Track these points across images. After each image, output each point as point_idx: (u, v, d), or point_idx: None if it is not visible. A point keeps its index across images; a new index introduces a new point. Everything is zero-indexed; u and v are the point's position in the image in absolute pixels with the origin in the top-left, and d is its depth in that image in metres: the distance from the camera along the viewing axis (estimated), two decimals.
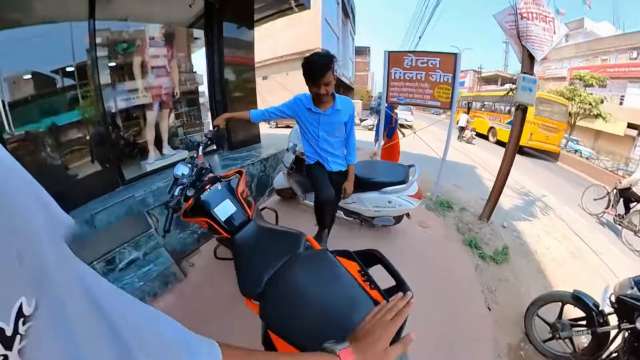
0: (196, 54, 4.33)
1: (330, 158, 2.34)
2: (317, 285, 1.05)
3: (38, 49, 2.54)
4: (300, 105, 2.16)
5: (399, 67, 3.84)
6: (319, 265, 1.15)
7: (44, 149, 2.71)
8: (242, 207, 1.54)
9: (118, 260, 2.29)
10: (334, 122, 2.17)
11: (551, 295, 2.22)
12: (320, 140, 2.25)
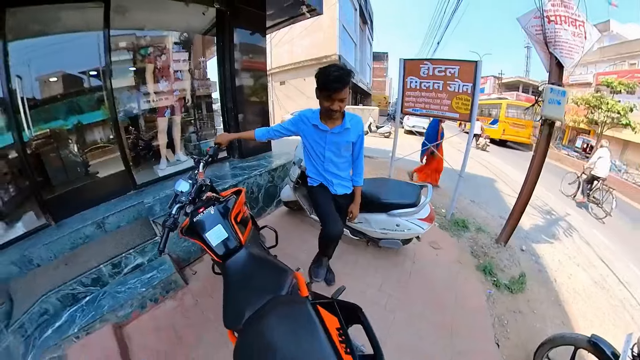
0: (210, 61, 4.27)
1: (335, 180, 2.09)
2: (289, 342, 0.96)
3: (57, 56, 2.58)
4: (305, 122, 1.93)
5: (415, 76, 3.59)
6: (296, 319, 1.04)
7: (59, 150, 2.78)
8: (234, 233, 1.48)
9: (124, 264, 2.34)
10: (341, 141, 1.92)
11: (563, 338, 1.95)
12: (325, 161, 2.01)
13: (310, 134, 1.95)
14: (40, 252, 2.27)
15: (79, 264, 2.22)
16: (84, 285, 2.11)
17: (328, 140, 1.92)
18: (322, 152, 1.99)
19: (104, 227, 2.57)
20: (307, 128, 1.94)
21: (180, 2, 3.19)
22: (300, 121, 1.95)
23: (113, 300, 2.07)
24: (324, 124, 1.86)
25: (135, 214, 2.78)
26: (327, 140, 1.91)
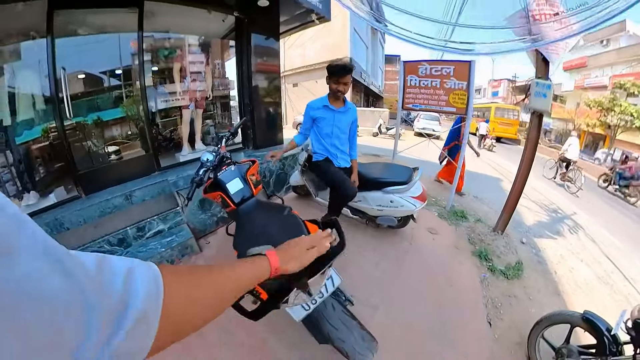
0: (228, 62, 4.61)
1: (339, 154, 2.56)
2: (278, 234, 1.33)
3: (95, 54, 2.98)
4: (314, 107, 2.44)
5: (414, 74, 3.77)
6: (284, 220, 1.42)
7: (95, 136, 3.16)
8: (248, 186, 1.80)
9: (147, 229, 2.63)
10: (345, 119, 2.46)
11: (559, 315, 1.97)
12: (333, 137, 2.48)
13: (321, 114, 2.43)
14: (71, 217, 2.57)
15: (107, 227, 2.51)
16: (110, 244, 2.39)
17: (336, 118, 2.43)
18: (330, 130, 2.46)
19: (131, 199, 2.89)
20: (317, 111, 2.44)
21: (203, 10, 3.53)
22: (311, 110, 2.47)
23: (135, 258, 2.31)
24: (332, 105, 2.39)
25: (160, 190, 3.09)
26: (335, 117, 2.43)
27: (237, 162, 1.96)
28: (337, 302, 1.51)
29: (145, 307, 0.30)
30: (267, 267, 0.59)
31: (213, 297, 0.44)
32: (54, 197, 2.79)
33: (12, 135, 2.66)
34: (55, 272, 0.23)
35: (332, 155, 2.55)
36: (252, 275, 0.55)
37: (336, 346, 1.41)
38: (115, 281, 0.29)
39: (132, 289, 0.30)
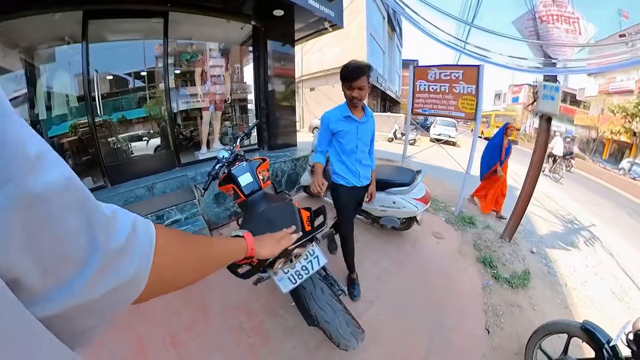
0: (246, 67, 4.79)
1: (362, 171, 2.12)
2: (275, 215, 1.52)
3: (123, 58, 3.24)
4: (333, 119, 1.96)
5: (424, 79, 3.75)
6: (283, 205, 1.62)
7: (122, 132, 3.40)
8: (257, 180, 1.94)
9: (166, 217, 2.82)
10: (369, 129, 2.04)
11: (557, 325, 1.87)
12: (358, 152, 2.04)
13: (342, 128, 1.95)
14: None
15: None
16: None
17: (359, 130, 1.98)
18: (355, 144, 2.01)
19: (152, 191, 3.09)
20: (338, 124, 1.94)
21: (223, 19, 3.72)
22: (329, 122, 1.96)
23: None
24: (354, 115, 1.93)
25: (179, 183, 3.28)
26: (358, 130, 1.98)
27: (250, 159, 2.10)
28: (327, 286, 1.57)
29: (138, 266, 0.33)
30: (244, 246, 0.67)
31: (196, 263, 0.48)
32: None
33: (46, 129, 2.96)
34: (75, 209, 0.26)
35: (354, 175, 2.10)
36: (232, 250, 0.63)
37: (321, 327, 1.48)
38: (122, 231, 0.32)
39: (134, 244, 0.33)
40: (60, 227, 0.24)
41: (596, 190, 9.58)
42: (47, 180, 0.23)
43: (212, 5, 3.45)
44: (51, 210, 0.24)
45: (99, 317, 0.30)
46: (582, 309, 2.78)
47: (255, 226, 1.48)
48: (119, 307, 0.32)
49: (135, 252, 0.33)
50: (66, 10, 2.67)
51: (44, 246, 0.23)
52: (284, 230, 0.87)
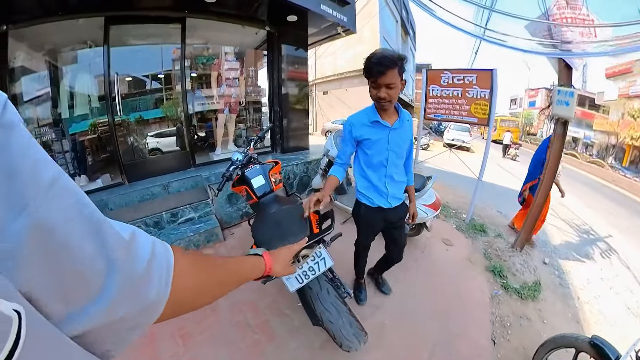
0: (261, 71, 4.88)
1: (392, 190, 1.71)
2: (285, 217, 1.57)
3: (141, 61, 3.40)
4: (358, 125, 1.60)
5: (436, 84, 3.70)
6: (294, 208, 1.65)
7: (140, 132, 3.55)
8: (269, 183, 1.98)
9: (180, 215, 2.91)
10: (403, 138, 1.62)
11: (565, 338, 1.82)
12: (389, 166, 1.64)
13: (369, 135, 1.59)
14: (115, 200, 2.94)
15: (145, 211, 2.83)
16: (146, 225, 2.70)
17: (391, 139, 1.58)
18: (384, 156, 1.62)
19: (168, 189, 3.21)
20: (364, 130, 1.59)
21: (238, 25, 3.81)
22: (354, 128, 1.61)
23: (166, 239, 2.53)
24: (384, 120, 1.55)
25: (194, 183, 3.39)
26: (390, 139, 1.58)
27: (262, 162, 2.15)
28: (333, 288, 1.61)
29: (157, 291, 0.32)
30: (262, 266, 0.67)
31: (214, 286, 0.49)
32: (101, 182, 3.23)
33: (67, 127, 3.12)
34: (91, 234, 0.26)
35: (380, 194, 1.70)
36: (251, 272, 0.64)
37: (325, 327, 1.51)
38: (143, 256, 0.32)
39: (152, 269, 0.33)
40: (76, 252, 0.24)
41: (613, 198, 9.17)
42: (61, 207, 0.23)
43: (227, 12, 3.56)
44: (66, 237, 0.24)
45: (115, 342, 0.29)
46: (594, 325, 2.67)
47: (265, 227, 1.55)
48: (136, 332, 0.31)
49: (154, 278, 0.33)
50: (89, 16, 2.84)
51: (61, 271, 0.23)
52: (299, 244, 0.88)
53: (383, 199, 1.72)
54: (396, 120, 1.59)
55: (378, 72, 1.38)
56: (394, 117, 1.60)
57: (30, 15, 2.66)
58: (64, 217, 0.24)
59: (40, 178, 0.22)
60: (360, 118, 1.61)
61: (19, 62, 2.90)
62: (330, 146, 3.31)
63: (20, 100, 2.97)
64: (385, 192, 1.70)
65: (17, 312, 0.19)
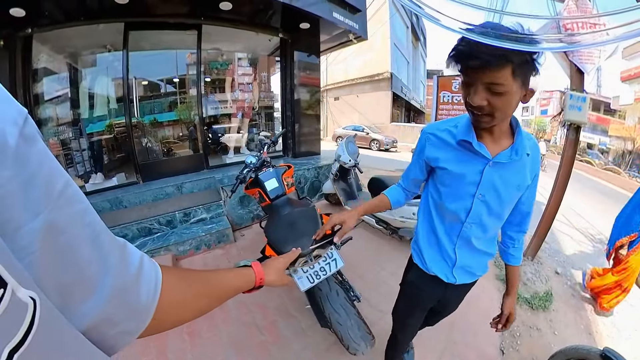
0: (274, 77, 4.96)
1: (464, 260, 1.05)
2: (299, 219, 1.60)
3: (158, 65, 3.53)
4: (434, 138, 0.99)
5: (448, 90, 3.69)
6: (307, 210, 1.67)
7: (155, 133, 3.67)
8: (282, 185, 2.02)
9: (192, 215, 2.97)
10: (511, 181, 0.92)
11: (575, 350, 1.75)
12: (469, 223, 0.98)
13: (447, 165, 0.96)
14: (129, 198, 3.03)
15: (158, 210, 2.90)
16: (159, 223, 2.77)
17: (486, 180, 0.92)
18: (466, 205, 0.96)
19: (181, 190, 3.29)
20: (442, 154, 0.97)
21: (252, 32, 3.90)
22: (426, 143, 1.01)
23: (178, 238, 2.67)
24: (481, 143, 0.90)
25: (206, 185, 3.45)
26: (484, 178, 0.91)
27: (275, 165, 2.19)
28: (343, 290, 1.61)
29: (146, 297, 0.34)
30: (252, 276, 0.64)
31: (202, 301, 0.50)
32: (116, 180, 3.35)
33: (85, 127, 3.25)
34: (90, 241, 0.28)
35: (444, 259, 1.06)
36: (240, 283, 0.62)
37: (333, 329, 1.51)
38: (134, 260, 0.34)
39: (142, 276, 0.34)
40: (79, 253, 0.26)
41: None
42: (69, 213, 0.26)
43: (242, 19, 3.65)
44: (71, 239, 0.26)
45: (105, 346, 0.30)
46: (607, 337, 2.56)
47: (279, 228, 1.60)
48: (125, 338, 0.32)
49: (144, 283, 0.34)
50: (110, 21, 2.99)
51: (65, 269, 0.25)
52: (294, 252, 0.85)
53: (445, 267, 1.07)
54: (507, 147, 0.90)
55: (470, 67, 0.78)
56: (504, 142, 0.91)
57: (54, 19, 2.81)
58: (71, 221, 0.26)
59: (53, 186, 0.24)
60: (443, 130, 0.96)
61: (42, 63, 3.08)
62: (341, 151, 3.31)
63: (42, 99, 3.14)
64: (452, 259, 1.05)
65: (33, 299, 0.20)
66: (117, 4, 2.75)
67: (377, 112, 15.90)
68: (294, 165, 4.12)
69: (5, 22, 2.58)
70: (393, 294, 2.34)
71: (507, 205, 0.96)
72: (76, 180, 3.34)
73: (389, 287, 2.45)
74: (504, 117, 0.83)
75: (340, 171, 3.36)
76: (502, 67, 0.74)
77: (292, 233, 1.52)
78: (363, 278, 2.38)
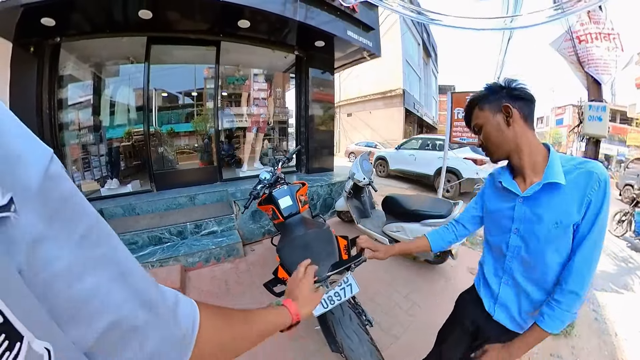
0: (288, 93, 5.08)
1: (504, 295, 0.99)
2: (317, 241, 1.55)
3: (176, 78, 3.70)
4: (492, 182, 1.04)
5: (462, 107, 3.62)
6: (323, 233, 1.63)
7: (171, 144, 3.78)
8: (296, 204, 1.99)
9: (203, 227, 2.96)
10: (544, 218, 0.85)
11: None
12: (510, 257, 0.96)
13: (492, 203, 1.02)
14: (142, 205, 3.07)
15: (170, 219, 2.92)
16: (170, 233, 2.77)
17: (518, 214, 0.91)
18: (503, 239, 0.96)
19: (194, 201, 3.31)
20: (490, 194, 1.05)
21: (268, 49, 4.03)
22: (487, 185, 1.08)
23: (188, 249, 2.66)
24: (513, 181, 0.92)
25: (219, 197, 3.47)
26: (516, 212, 0.92)
27: (290, 182, 2.17)
28: (355, 315, 1.55)
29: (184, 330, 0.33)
30: (288, 317, 0.63)
31: (239, 343, 0.47)
32: (131, 187, 3.42)
33: (105, 133, 3.39)
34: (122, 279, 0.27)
35: (487, 288, 1.06)
36: (277, 323, 0.61)
37: (345, 354, 1.44)
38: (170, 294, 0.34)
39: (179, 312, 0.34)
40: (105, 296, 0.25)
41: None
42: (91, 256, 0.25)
43: (260, 37, 3.77)
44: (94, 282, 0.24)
45: None
46: None
47: (294, 249, 1.55)
48: None
49: (182, 318, 0.34)
50: (133, 35, 3.15)
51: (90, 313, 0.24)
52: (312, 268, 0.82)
53: (489, 296, 1.04)
54: (534, 181, 0.86)
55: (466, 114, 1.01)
56: (535, 175, 0.87)
57: (81, 30, 2.98)
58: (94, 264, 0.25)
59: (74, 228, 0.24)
60: (498, 173, 0.99)
61: (67, 70, 3.27)
62: (356, 169, 3.23)
63: (65, 104, 3.30)
64: (494, 293, 1.01)
65: (47, 350, 0.20)
66: (141, 19, 2.90)
67: (389, 128, 15.92)
68: (307, 182, 4.11)
69: (37, 30, 2.75)
70: (406, 318, 2.28)
71: (546, 243, 0.86)
72: (92, 183, 3.47)
73: (402, 311, 2.35)
74: (496, 147, 0.91)
75: (354, 189, 3.31)
76: (474, 110, 0.94)
77: (307, 255, 1.45)
78: (374, 301, 2.30)
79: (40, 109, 2.93)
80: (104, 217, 2.95)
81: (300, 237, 1.63)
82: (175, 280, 2.34)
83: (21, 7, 2.32)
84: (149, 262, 2.48)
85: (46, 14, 2.57)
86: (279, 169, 2.19)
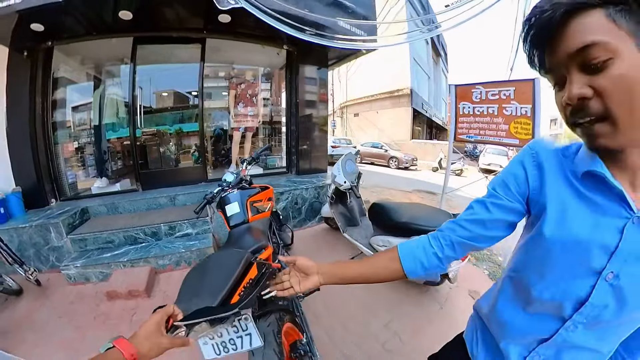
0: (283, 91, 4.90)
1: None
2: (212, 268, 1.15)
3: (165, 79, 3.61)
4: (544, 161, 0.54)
5: (467, 101, 3.25)
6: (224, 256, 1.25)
7: (157, 145, 3.69)
8: (244, 212, 1.76)
9: (177, 229, 2.86)
10: None
11: None
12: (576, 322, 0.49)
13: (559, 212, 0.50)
14: (125, 205, 3.07)
15: (147, 220, 2.84)
16: (145, 234, 2.70)
17: (627, 243, 0.44)
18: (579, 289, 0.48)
19: (174, 202, 3.23)
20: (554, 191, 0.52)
21: (257, 44, 3.88)
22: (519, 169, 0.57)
23: (159, 251, 2.56)
24: (619, 182, 0.45)
25: (200, 198, 3.28)
26: (624, 241, 0.44)
27: (248, 187, 1.95)
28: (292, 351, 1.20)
29: None
30: (120, 358, 0.55)
31: None
32: (119, 186, 3.45)
33: (94, 133, 3.38)
34: None
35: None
36: None
37: None
38: None
39: None
40: None
41: None
42: None
43: (246, 32, 3.62)
44: None
45: None
46: None
47: (189, 275, 1.13)
48: None
49: None
50: (119, 36, 3.14)
51: None
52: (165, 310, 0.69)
53: None
54: None
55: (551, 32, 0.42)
56: None
57: (71, 34, 3.01)
58: None
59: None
60: (556, 154, 0.54)
61: (60, 73, 3.33)
62: (337, 171, 2.84)
63: (58, 105, 3.36)
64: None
65: None
66: (122, 20, 2.85)
67: (397, 128, 15.61)
68: (292, 184, 3.92)
69: (28, 36, 2.81)
70: (382, 353, 1.80)
71: None
72: (84, 182, 3.58)
73: (378, 344, 1.89)
74: (629, 114, 0.39)
75: (336, 194, 2.93)
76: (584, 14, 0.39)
77: (194, 286, 1.07)
78: (346, 327, 1.94)
79: (34, 110, 3.00)
80: (89, 215, 3.01)
81: (209, 257, 1.26)
82: (142, 282, 2.24)
83: (16, 13, 2.34)
84: (120, 261, 2.42)
85: (35, 19, 2.60)
86: (244, 170, 1.99)
